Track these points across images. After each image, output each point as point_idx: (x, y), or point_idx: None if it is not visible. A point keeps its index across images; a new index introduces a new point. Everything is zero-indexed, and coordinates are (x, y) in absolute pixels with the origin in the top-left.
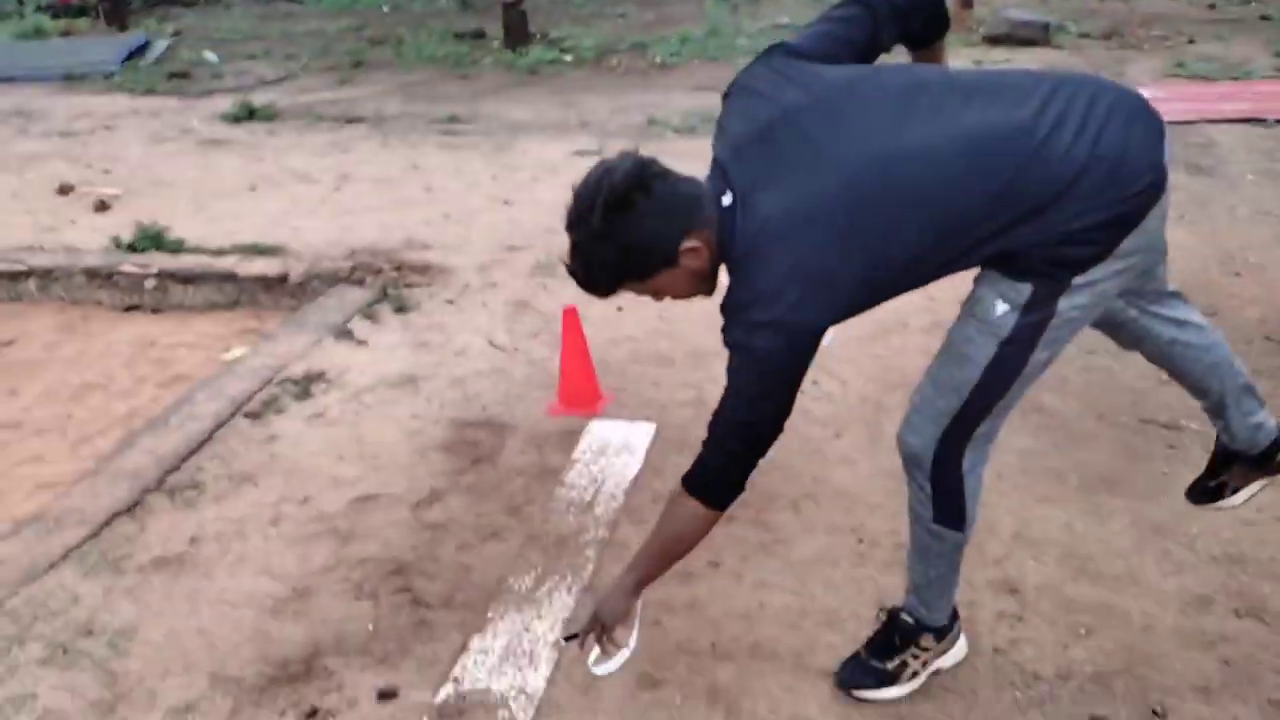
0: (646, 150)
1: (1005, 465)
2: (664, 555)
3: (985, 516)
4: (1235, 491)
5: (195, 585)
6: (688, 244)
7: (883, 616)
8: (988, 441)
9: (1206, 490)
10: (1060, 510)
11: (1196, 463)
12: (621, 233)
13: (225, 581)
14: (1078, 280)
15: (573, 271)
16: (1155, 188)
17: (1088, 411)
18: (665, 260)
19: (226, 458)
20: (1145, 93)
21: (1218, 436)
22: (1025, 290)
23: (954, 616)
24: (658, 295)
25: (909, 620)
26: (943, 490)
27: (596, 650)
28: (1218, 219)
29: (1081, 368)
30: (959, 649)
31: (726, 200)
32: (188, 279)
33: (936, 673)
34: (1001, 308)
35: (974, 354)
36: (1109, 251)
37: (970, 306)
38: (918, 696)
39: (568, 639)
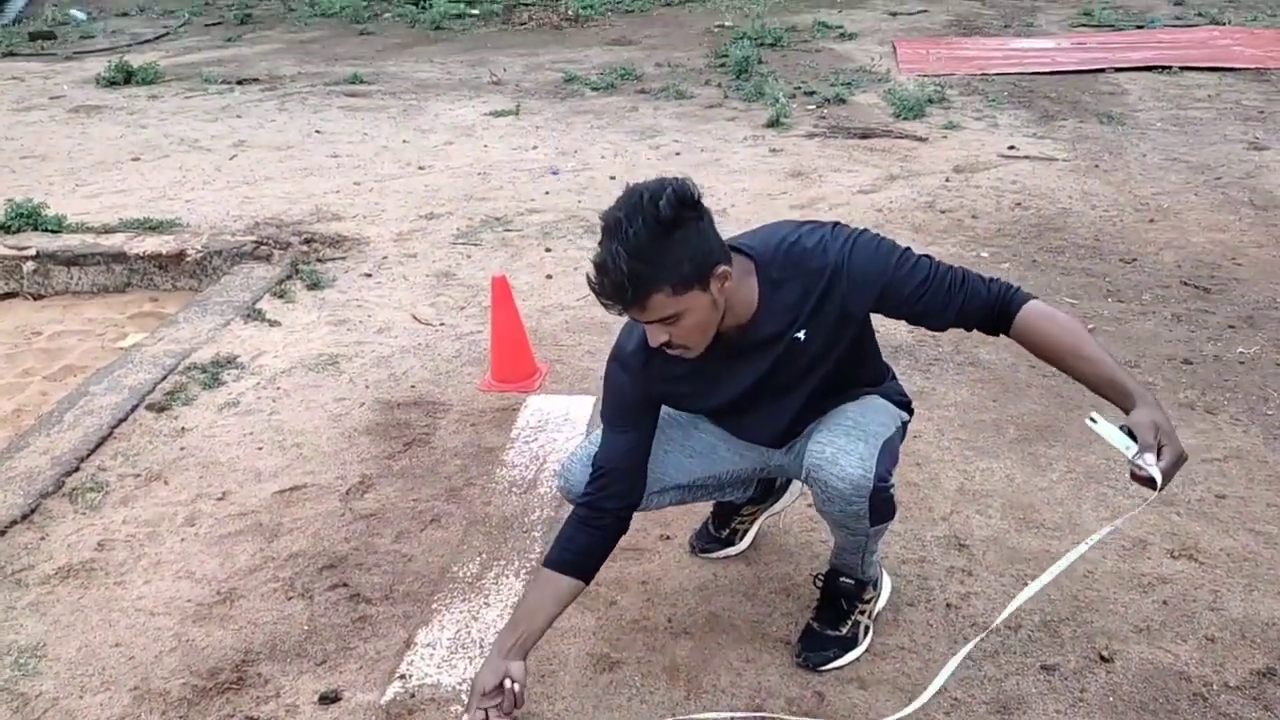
0: (566, 107)
1: (946, 420)
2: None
3: (930, 472)
4: (744, 535)
5: (107, 595)
6: (724, 268)
7: (819, 584)
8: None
9: (718, 540)
10: (1000, 462)
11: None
12: (680, 231)
13: (140, 589)
14: None
15: (605, 269)
16: None
17: (1020, 362)
18: (701, 275)
19: (131, 455)
20: (1054, 43)
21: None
22: None
23: None
24: (673, 321)
25: (849, 582)
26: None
27: None
28: (1131, 167)
29: None
30: (886, 584)
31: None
32: (71, 260)
33: (880, 615)
34: None
35: None
36: None
37: None
38: (877, 657)
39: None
